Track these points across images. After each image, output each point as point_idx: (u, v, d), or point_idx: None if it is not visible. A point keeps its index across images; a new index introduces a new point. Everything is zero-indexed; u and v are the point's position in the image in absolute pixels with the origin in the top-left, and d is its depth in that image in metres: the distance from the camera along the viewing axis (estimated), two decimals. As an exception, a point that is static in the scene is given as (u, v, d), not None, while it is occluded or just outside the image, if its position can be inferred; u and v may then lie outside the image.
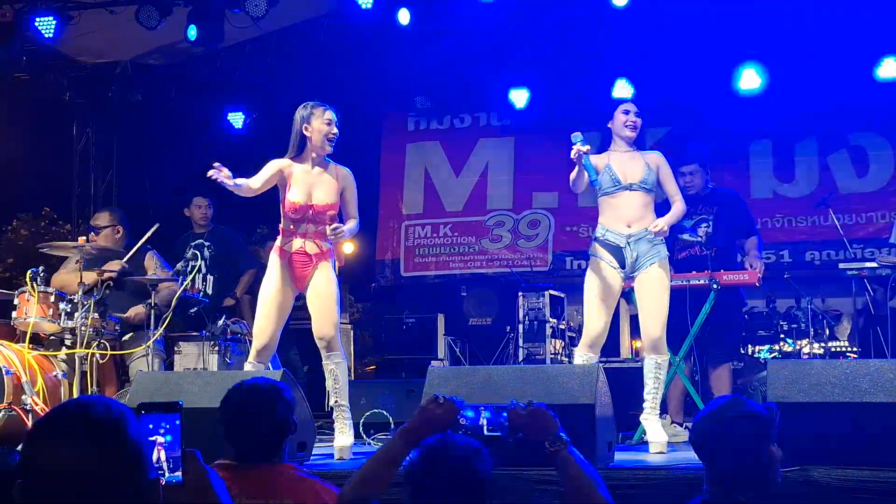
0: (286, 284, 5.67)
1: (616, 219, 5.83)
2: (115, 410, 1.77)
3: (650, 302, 5.77)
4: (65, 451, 1.70)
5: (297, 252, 5.65)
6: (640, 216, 5.80)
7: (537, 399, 2.88)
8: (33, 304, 6.57)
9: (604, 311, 5.79)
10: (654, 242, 5.78)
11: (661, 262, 5.79)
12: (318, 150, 5.69)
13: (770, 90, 9.95)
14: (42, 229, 11.05)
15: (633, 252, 5.77)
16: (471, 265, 11.17)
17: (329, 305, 5.64)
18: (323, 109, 5.70)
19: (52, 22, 8.60)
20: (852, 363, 4.88)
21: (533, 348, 8.95)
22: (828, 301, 8.68)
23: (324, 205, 5.65)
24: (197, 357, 7.40)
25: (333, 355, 5.66)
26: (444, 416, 2.81)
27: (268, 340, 5.66)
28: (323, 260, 5.68)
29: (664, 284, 5.80)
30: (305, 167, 5.70)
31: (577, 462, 2.68)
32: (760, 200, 10.15)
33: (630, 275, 5.83)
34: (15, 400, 6.29)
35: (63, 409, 1.80)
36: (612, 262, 5.79)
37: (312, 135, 5.66)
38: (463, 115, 11.55)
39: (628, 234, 5.78)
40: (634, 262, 5.78)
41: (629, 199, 5.81)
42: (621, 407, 5.73)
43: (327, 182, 5.71)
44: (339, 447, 5.63)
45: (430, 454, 2.50)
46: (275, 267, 5.68)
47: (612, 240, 5.80)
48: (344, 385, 5.72)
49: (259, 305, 5.74)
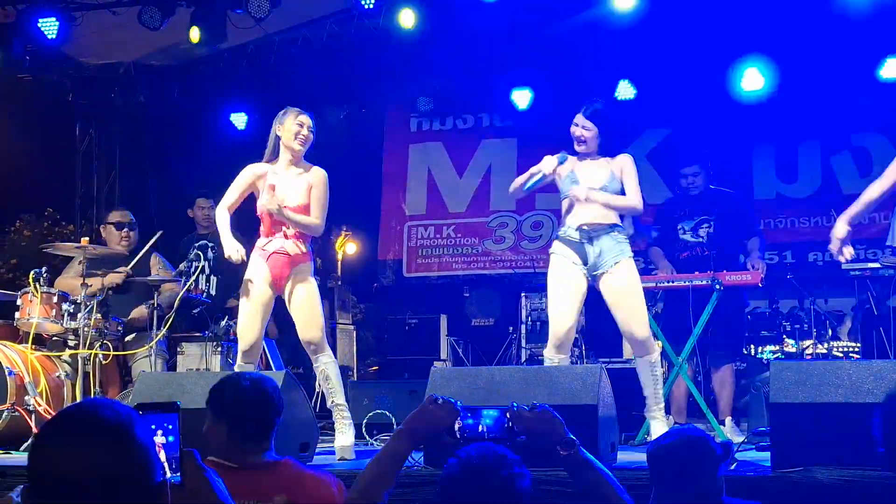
0: (266, 283, 5.68)
1: (576, 219, 5.66)
2: (122, 413, 1.77)
3: (628, 301, 5.57)
4: (72, 455, 1.69)
5: (276, 252, 5.67)
6: (601, 216, 5.62)
7: (540, 400, 2.86)
8: (36, 305, 6.57)
9: (567, 310, 5.59)
10: (618, 240, 5.61)
11: (626, 260, 5.60)
12: (290, 151, 5.72)
13: (773, 91, 9.95)
14: (45, 230, 11.06)
15: (596, 248, 5.59)
16: (474, 266, 11.17)
17: (313, 310, 5.66)
18: (297, 113, 5.74)
19: (55, 23, 8.60)
20: (855, 364, 4.88)
21: (535, 349, 8.95)
22: (830, 301, 8.68)
23: (295, 206, 5.66)
24: (199, 358, 7.41)
25: (322, 356, 5.66)
26: (443, 416, 2.79)
27: (254, 340, 5.67)
28: (302, 262, 5.69)
29: (636, 281, 5.63)
30: (279, 169, 5.75)
31: (591, 464, 2.66)
32: (763, 201, 10.14)
33: (593, 273, 5.62)
34: (18, 401, 6.30)
35: (70, 413, 1.80)
36: (572, 258, 5.63)
37: (283, 135, 5.72)
38: (465, 116, 11.54)
39: (588, 230, 5.61)
40: (597, 257, 5.59)
41: (588, 203, 5.63)
42: (623, 407, 5.72)
43: (299, 182, 5.72)
44: (340, 447, 5.62)
45: (469, 467, 2.42)
46: (255, 266, 5.71)
47: (573, 236, 5.65)
48: (338, 383, 5.70)
49: (241, 305, 5.76)
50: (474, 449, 2.47)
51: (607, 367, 5.19)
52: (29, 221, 11.13)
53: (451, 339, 9.94)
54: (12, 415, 6.26)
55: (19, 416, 6.25)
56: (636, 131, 10.41)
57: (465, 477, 2.41)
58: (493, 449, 2.46)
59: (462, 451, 2.48)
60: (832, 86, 9.76)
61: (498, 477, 2.38)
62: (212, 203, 8.43)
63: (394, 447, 2.81)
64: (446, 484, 2.44)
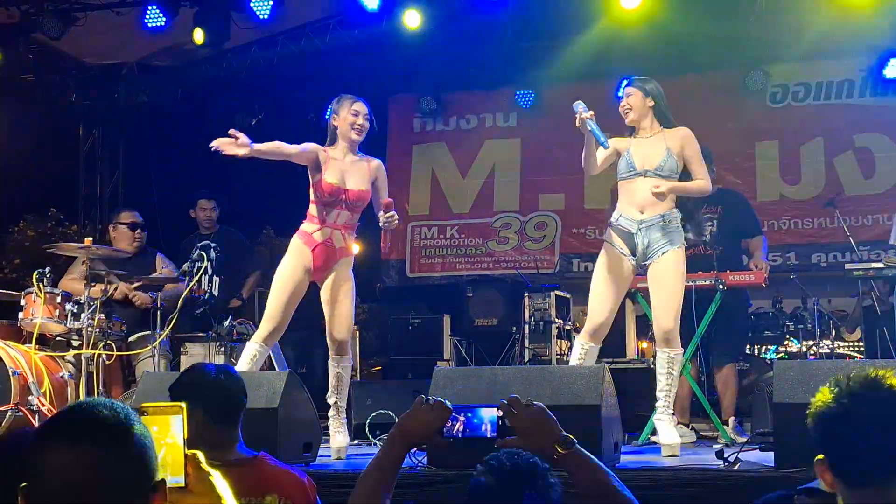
0: (305, 271, 5.65)
1: (630, 203, 5.63)
2: (120, 412, 1.76)
3: (662, 292, 5.54)
4: (68, 453, 1.69)
5: (323, 243, 5.66)
6: (654, 202, 5.58)
7: (543, 400, 2.83)
8: (40, 305, 6.58)
9: (609, 298, 5.60)
10: (669, 230, 5.57)
11: (674, 251, 5.55)
12: (347, 140, 5.77)
13: (775, 91, 9.95)
14: (48, 230, 11.05)
15: (645, 239, 5.56)
16: (477, 267, 11.17)
17: (347, 309, 5.70)
18: (352, 101, 5.81)
19: (58, 23, 8.62)
20: (858, 364, 4.87)
21: (539, 349, 8.94)
22: (834, 301, 8.66)
23: (357, 191, 5.69)
24: (203, 358, 7.40)
25: (343, 358, 5.72)
26: (433, 418, 2.77)
27: (277, 324, 5.65)
28: (346, 256, 5.72)
29: (677, 274, 5.57)
30: (338, 155, 5.76)
31: (592, 462, 2.64)
32: (767, 203, 10.13)
33: (642, 263, 5.62)
34: (21, 401, 6.31)
35: (68, 412, 1.80)
36: (622, 249, 5.61)
37: (339, 124, 5.77)
38: (469, 117, 11.54)
39: (640, 220, 5.58)
40: (646, 248, 5.57)
41: (643, 185, 5.59)
42: (627, 407, 5.71)
43: (360, 170, 5.76)
44: (337, 447, 5.66)
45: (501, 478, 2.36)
46: (296, 251, 5.68)
47: (625, 225, 5.62)
48: (345, 387, 5.78)
49: (273, 289, 5.71)
50: (505, 457, 2.42)
51: (611, 367, 5.18)
52: (32, 222, 11.12)
53: (455, 339, 9.93)
54: (16, 415, 6.27)
55: (23, 416, 6.26)
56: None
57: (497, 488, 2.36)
58: (524, 458, 2.42)
59: (493, 458, 2.43)
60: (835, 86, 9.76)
61: (531, 488, 2.35)
62: (213, 204, 8.43)
63: (388, 451, 2.78)
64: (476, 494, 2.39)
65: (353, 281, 5.76)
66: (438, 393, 4.73)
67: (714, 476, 4.33)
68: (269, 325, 5.66)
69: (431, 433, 2.74)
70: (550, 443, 2.60)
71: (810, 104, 10.29)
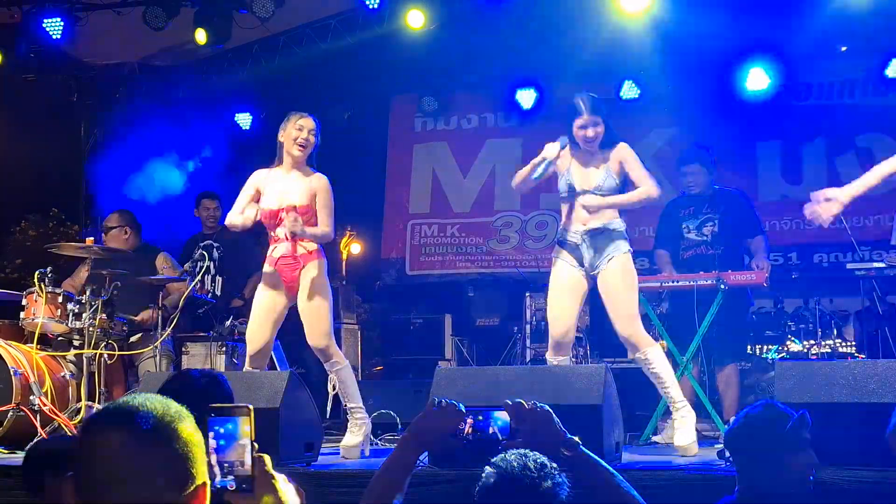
0: (278, 291, 5.71)
1: (573, 220, 5.66)
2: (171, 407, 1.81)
3: (613, 299, 5.53)
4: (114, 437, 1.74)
5: (283, 257, 5.69)
6: (596, 217, 5.60)
7: (545, 400, 2.83)
8: (41, 305, 6.58)
9: (565, 312, 5.59)
10: (613, 238, 5.57)
11: (619, 256, 5.54)
12: (291, 155, 5.75)
13: (777, 90, 9.94)
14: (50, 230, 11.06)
15: (590, 248, 5.58)
16: (478, 266, 11.17)
17: (319, 315, 5.65)
18: (298, 117, 5.77)
19: (60, 23, 8.63)
20: (860, 363, 4.87)
21: (540, 349, 8.92)
22: (835, 301, 8.66)
23: (295, 207, 5.65)
24: (205, 358, 7.41)
25: (332, 363, 5.70)
26: (447, 420, 2.76)
27: (260, 346, 5.70)
28: (310, 261, 5.68)
29: (627, 278, 5.55)
30: (281, 172, 5.78)
31: (597, 463, 2.64)
32: (768, 203, 10.12)
33: (592, 273, 5.61)
34: (23, 400, 6.30)
35: (121, 401, 1.84)
36: (570, 262, 5.63)
37: (284, 140, 5.77)
38: (470, 116, 11.54)
39: (583, 231, 5.60)
40: (593, 258, 5.58)
41: (584, 202, 5.61)
42: (629, 407, 5.71)
43: (300, 185, 5.73)
44: (345, 446, 5.66)
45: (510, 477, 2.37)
46: (267, 274, 5.76)
47: (570, 239, 5.65)
48: (350, 389, 5.77)
49: (252, 310, 5.82)
50: (514, 457, 2.42)
51: (612, 367, 5.17)
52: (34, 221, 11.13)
53: (456, 338, 9.94)
54: (17, 415, 6.27)
55: (24, 416, 6.26)
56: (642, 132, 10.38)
57: (506, 488, 2.36)
58: (533, 458, 2.42)
59: (501, 459, 2.42)
60: (837, 86, 9.75)
61: (540, 488, 2.36)
62: (217, 203, 8.44)
63: (400, 455, 2.76)
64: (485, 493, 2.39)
65: (326, 285, 5.72)
66: (440, 393, 4.74)
67: (715, 476, 4.33)
68: (250, 348, 5.74)
69: (444, 436, 2.72)
70: (556, 445, 2.60)
71: (812, 104, 10.28)
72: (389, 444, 6.83)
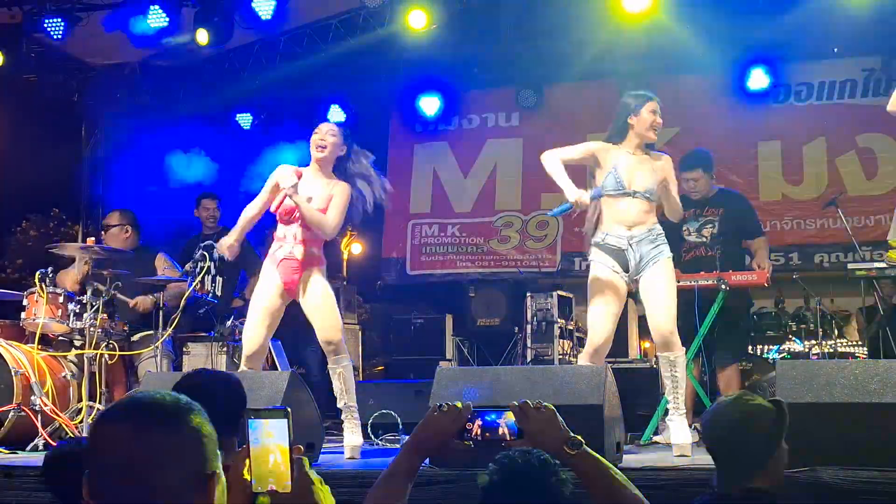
0: (276, 292, 5.73)
1: (617, 221, 5.63)
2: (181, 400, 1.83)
3: (656, 296, 5.54)
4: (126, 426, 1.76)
5: (286, 258, 5.71)
6: (640, 220, 5.62)
7: (546, 400, 2.82)
8: (42, 305, 6.59)
9: (609, 319, 5.58)
10: (657, 243, 5.61)
11: (663, 260, 5.59)
12: (314, 157, 5.83)
13: (778, 91, 9.94)
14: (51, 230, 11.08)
15: (636, 254, 5.58)
16: (479, 266, 11.16)
17: (331, 311, 5.72)
18: (323, 125, 5.93)
19: (61, 23, 8.62)
20: (861, 363, 4.87)
21: (541, 349, 8.95)
22: (836, 301, 8.66)
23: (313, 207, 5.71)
24: (205, 358, 7.42)
25: (340, 358, 5.72)
26: (448, 423, 2.74)
27: (256, 347, 5.72)
28: (313, 266, 5.73)
29: (671, 280, 5.60)
30: (308, 174, 5.84)
31: (597, 461, 2.64)
32: (769, 203, 10.12)
33: (634, 278, 5.62)
34: (24, 400, 6.31)
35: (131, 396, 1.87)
36: (614, 267, 5.61)
37: (310, 144, 5.86)
38: (471, 116, 11.54)
39: (630, 236, 5.60)
40: (638, 263, 5.58)
41: (631, 205, 5.61)
42: (629, 407, 5.71)
43: (321, 188, 5.79)
44: (351, 446, 5.67)
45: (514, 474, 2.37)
46: (266, 274, 5.79)
47: (613, 243, 5.62)
48: (351, 386, 5.78)
49: (249, 310, 5.85)
50: (518, 455, 2.42)
51: (613, 367, 5.18)
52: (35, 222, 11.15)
53: (457, 338, 9.94)
54: (18, 415, 6.28)
55: (25, 416, 6.26)
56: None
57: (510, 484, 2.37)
58: (536, 456, 2.42)
59: (504, 457, 2.43)
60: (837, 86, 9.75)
61: (544, 484, 2.36)
62: (217, 204, 8.44)
63: (403, 461, 2.73)
64: (489, 490, 2.39)
65: (328, 284, 5.79)
66: (441, 393, 4.74)
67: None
68: (247, 349, 5.75)
69: (446, 441, 2.70)
70: (559, 444, 2.60)
71: (812, 104, 10.28)
72: (389, 444, 6.83)
